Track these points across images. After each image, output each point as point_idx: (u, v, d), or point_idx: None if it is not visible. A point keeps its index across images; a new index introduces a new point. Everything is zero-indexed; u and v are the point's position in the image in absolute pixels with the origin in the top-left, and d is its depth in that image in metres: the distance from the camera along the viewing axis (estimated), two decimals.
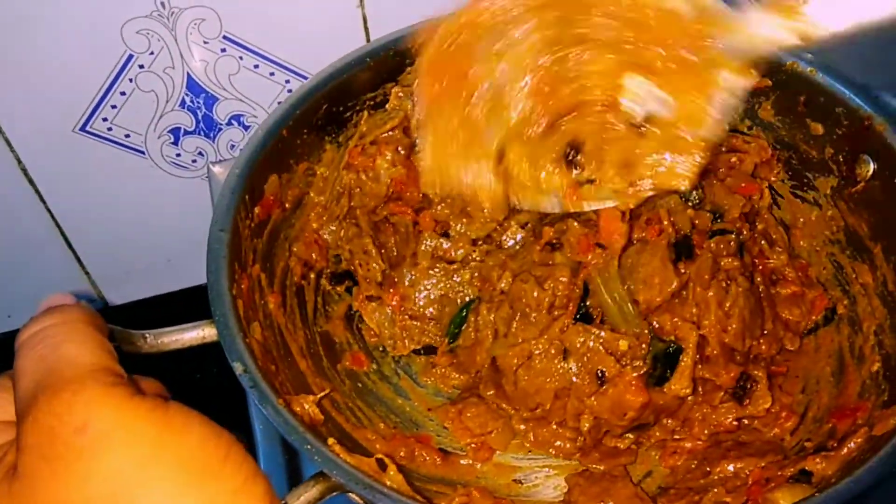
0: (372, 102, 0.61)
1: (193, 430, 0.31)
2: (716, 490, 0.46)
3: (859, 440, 0.42)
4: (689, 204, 0.57)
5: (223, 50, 0.72)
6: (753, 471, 0.46)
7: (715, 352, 0.52)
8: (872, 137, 0.52)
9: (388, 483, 0.42)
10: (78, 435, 0.29)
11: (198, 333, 0.42)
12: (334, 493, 0.38)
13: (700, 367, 0.52)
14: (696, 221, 0.57)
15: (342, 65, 0.57)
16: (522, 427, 0.56)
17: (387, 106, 0.61)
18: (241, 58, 0.73)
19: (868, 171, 0.54)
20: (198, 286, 0.88)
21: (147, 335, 0.40)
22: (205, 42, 0.71)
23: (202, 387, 0.61)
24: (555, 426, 0.55)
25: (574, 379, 0.52)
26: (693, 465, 0.51)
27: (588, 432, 0.53)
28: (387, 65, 0.59)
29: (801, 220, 0.61)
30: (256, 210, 0.51)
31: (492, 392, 0.56)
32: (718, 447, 0.52)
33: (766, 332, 0.56)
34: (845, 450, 0.42)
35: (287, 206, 0.55)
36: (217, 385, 0.49)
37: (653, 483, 0.53)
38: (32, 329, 0.34)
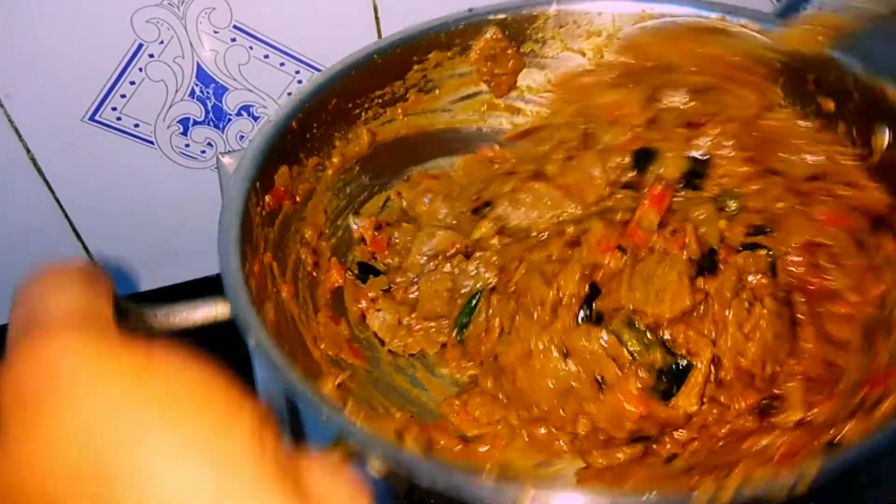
0: (380, 100, 0.61)
1: (175, 370, 0.28)
2: (743, 464, 0.45)
3: (890, 406, 0.41)
4: (725, 212, 0.56)
5: (233, 40, 0.71)
6: (782, 445, 0.45)
7: (729, 376, 0.50)
8: (887, 106, 0.52)
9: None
10: (53, 384, 0.27)
11: (209, 311, 0.41)
12: (352, 462, 0.37)
13: (714, 389, 0.50)
14: (727, 234, 0.56)
15: (351, 61, 0.57)
16: (516, 423, 0.55)
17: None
18: (251, 48, 0.72)
19: (884, 141, 0.54)
20: (206, 277, 0.88)
21: (158, 313, 0.40)
22: (215, 31, 0.71)
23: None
24: (553, 429, 0.54)
25: (573, 382, 0.51)
26: (719, 446, 0.50)
27: (585, 437, 0.52)
28: (395, 62, 0.59)
29: None
30: (267, 199, 0.51)
31: (490, 384, 0.56)
32: (742, 434, 0.51)
33: (805, 354, 0.54)
34: (877, 415, 0.41)
35: (298, 199, 0.55)
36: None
37: (676, 462, 0.52)
38: (27, 284, 0.33)
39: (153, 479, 0.26)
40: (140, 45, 0.69)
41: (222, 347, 0.46)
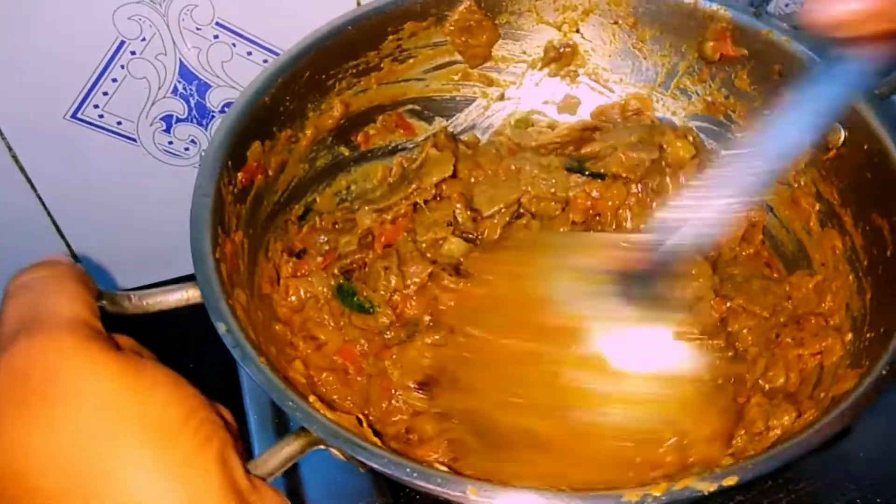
0: (354, 70, 0.61)
1: (158, 390, 0.31)
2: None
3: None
4: None
5: (216, 37, 0.72)
6: None
7: None
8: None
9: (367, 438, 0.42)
10: (49, 383, 0.29)
11: (182, 295, 0.41)
12: (315, 448, 0.38)
13: None
14: None
15: (324, 32, 0.57)
16: None
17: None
18: (234, 44, 0.72)
19: (839, 139, 0.56)
20: (188, 275, 0.88)
21: (132, 296, 0.40)
22: (197, 28, 0.71)
23: (195, 350, 0.60)
24: None
25: None
26: None
27: None
28: (368, 33, 0.59)
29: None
30: (240, 176, 0.51)
31: None
32: None
33: None
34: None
35: (270, 172, 0.55)
36: (207, 350, 0.48)
37: None
38: (21, 279, 0.35)
39: (129, 489, 0.29)
40: (122, 43, 0.69)
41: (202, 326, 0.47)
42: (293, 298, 0.58)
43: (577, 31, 0.68)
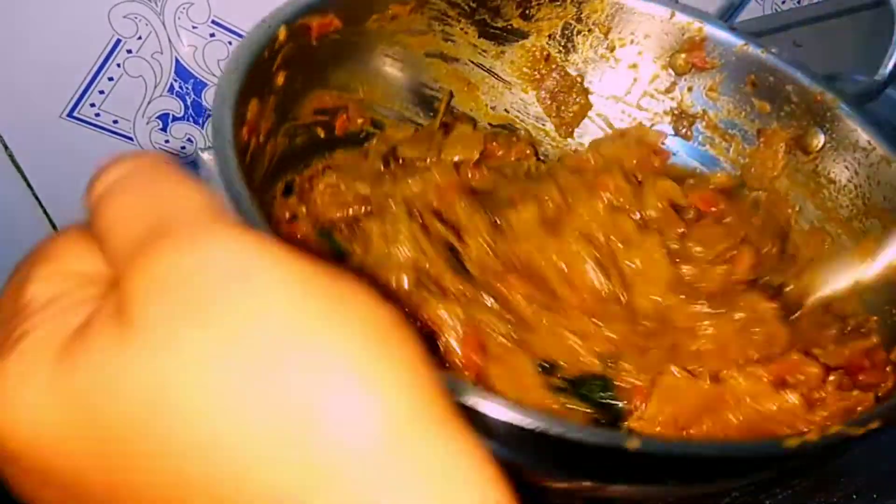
0: None
1: (361, 298, 0.24)
2: None
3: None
4: None
5: (212, 35, 0.71)
6: None
7: None
8: (823, 111, 0.55)
9: None
10: (237, 282, 0.22)
11: None
12: None
13: None
14: None
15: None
16: None
17: None
18: (230, 43, 0.72)
19: (818, 144, 0.56)
20: None
21: None
22: (193, 27, 0.70)
23: None
24: None
25: None
26: None
27: None
28: (354, 8, 0.59)
29: None
30: (243, 131, 0.49)
31: None
32: None
33: None
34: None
35: (261, 138, 0.54)
36: None
37: None
38: (108, 178, 0.27)
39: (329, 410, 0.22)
40: (118, 41, 0.69)
41: None
42: None
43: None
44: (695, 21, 0.61)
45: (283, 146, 0.58)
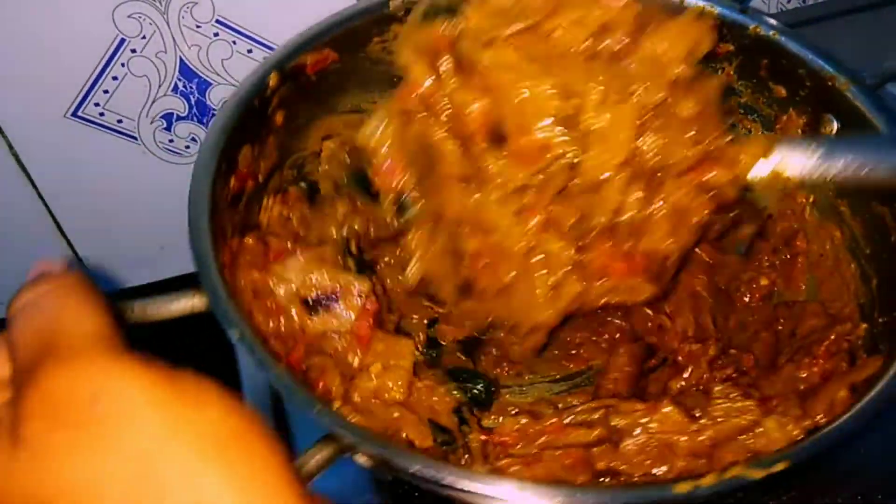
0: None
1: (212, 402, 0.29)
2: None
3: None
4: None
5: (216, 34, 0.71)
6: None
7: None
8: (836, 97, 0.54)
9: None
10: (94, 405, 0.27)
11: (186, 303, 0.41)
12: (344, 455, 0.37)
13: None
14: None
15: (308, 36, 0.56)
16: None
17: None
18: (234, 42, 0.72)
19: (832, 130, 0.56)
20: (190, 273, 0.88)
21: (134, 307, 0.40)
22: (197, 26, 0.70)
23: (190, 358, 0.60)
24: None
25: None
26: None
27: None
28: (353, 37, 0.58)
29: None
30: (232, 181, 0.50)
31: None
32: None
33: None
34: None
35: (260, 178, 0.54)
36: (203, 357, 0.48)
37: None
38: (26, 297, 0.32)
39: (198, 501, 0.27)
40: (122, 41, 0.69)
41: (201, 337, 0.47)
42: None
43: None
44: (706, 5, 0.59)
45: (290, 177, 0.59)
